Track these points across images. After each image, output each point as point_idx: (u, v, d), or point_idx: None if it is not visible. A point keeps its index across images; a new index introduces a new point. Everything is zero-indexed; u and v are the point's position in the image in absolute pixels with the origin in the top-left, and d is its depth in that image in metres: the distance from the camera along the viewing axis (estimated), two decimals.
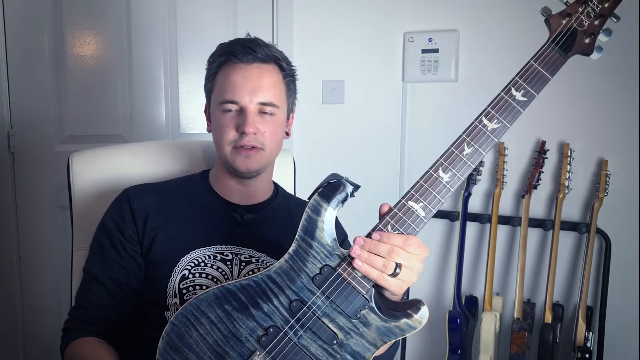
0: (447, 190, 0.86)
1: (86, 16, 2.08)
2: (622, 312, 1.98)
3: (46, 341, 2.13)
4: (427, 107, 2.20)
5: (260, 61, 1.08)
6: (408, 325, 0.87)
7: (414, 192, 0.86)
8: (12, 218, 2.06)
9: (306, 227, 0.88)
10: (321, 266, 0.87)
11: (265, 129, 1.09)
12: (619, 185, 1.96)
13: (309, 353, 0.86)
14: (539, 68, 0.88)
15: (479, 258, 2.18)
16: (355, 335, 0.87)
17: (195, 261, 1.06)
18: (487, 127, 0.87)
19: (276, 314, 0.87)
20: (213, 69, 1.13)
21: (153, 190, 1.15)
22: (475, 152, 0.86)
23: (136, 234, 1.08)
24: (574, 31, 0.88)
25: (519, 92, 0.87)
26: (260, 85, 1.07)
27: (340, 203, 0.88)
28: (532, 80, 0.88)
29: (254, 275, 0.89)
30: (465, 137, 0.87)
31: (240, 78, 1.07)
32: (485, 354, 1.96)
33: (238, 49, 1.08)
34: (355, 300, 0.86)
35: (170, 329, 0.87)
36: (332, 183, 0.89)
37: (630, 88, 1.92)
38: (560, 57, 0.88)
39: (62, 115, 2.08)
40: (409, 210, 0.86)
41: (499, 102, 0.88)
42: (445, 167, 0.86)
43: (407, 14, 2.19)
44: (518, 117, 0.87)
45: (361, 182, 0.92)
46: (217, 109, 1.10)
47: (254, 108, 1.08)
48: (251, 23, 2.19)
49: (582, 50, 0.89)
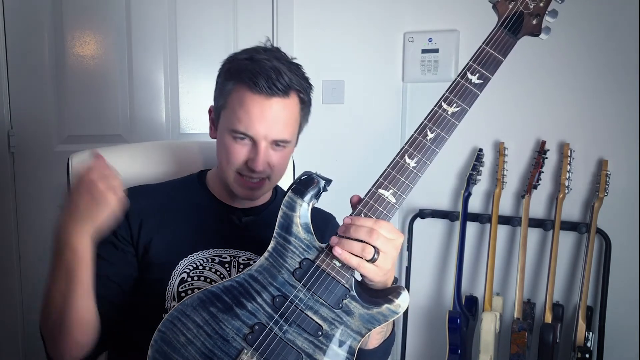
0: (415, 175, 0.89)
1: (86, 16, 2.08)
2: (622, 312, 1.98)
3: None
4: (427, 107, 2.17)
5: (281, 94, 1.01)
6: (390, 310, 0.88)
7: (383, 180, 0.88)
8: (12, 218, 2.06)
9: (282, 223, 0.90)
10: (300, 260, 0.89)
11: (275, 162, 1.06)
12: (619, 185, 1.96)
13: (295, 346, 0.87)
14: (491, 51, 0.91)
15: (479, 258, 2.18)
16: (340, 324, 0.88)
17: (194, 264, 1.05)
18: (447, 111, 0.90)
19: (260, 311, 0.88)
20: (228, 86, 1.05)
21: (150, 192, 1.14)
22: (438, 137, 0.90)
23: (130, 235, 1.07)
24: (521, 14, 0.92)
25: (474, 76, 0.90)
26: (277, 122, 1.03)
27: (313, 197, 0.91)
28: (485, 63, 0.90)
29: (236, 275, 0.91)
30: (427, 122, 0.91)
31: (257, 112, 1.01)
32: (485, 354, 1.96)
33: (261, 80, 1.00)
34: (337, 290, 0.87)
35: (158, 336, 0.88)
36: (304, 179, 0.91)
37: (630, 88, 1.92)
38: (510, 39, 0.91)
39: (62, 115, 2.08)
40: (380, 198, 0.88)
41: (456, 86, 0.90)
42: (410, 153, 0.89)
43: (407, 14, 2.19)
44: (475, 99, 0.90)
45: (361, 182, 0.93)
46: (227, 132, 1.05)
47: (267, 144, 1.04)
48: (251, 23, 2.20)
49: (531, 31, 0.92)
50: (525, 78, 2.04)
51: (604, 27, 1.93)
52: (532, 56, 1.98)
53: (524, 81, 2.04)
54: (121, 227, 1.06)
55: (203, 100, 2.20)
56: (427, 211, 2.22)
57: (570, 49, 1.97)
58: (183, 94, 2.19)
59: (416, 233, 2.26)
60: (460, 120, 0.90)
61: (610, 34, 1.93)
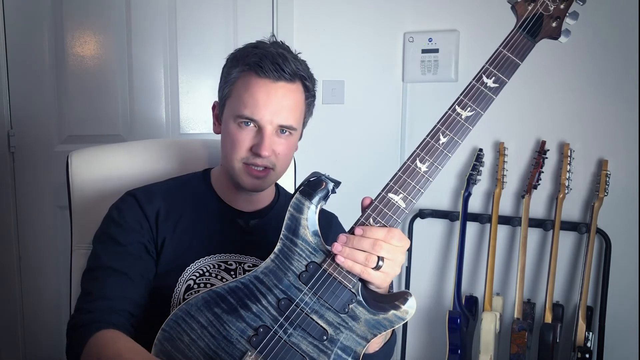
0: (426, 180, 0.87)
1: (86, 16, 2.08)
2: (622, 312, 1.98)
3: (46, 340, 2.13)
4: (427, 107, 2.20)
5: (286, 80, 1.02)
6: (396, 316, 0.87)
7: (393, 184, 0.87)
8: (12, 218, 2.06)
9: (289, 225, 0.89)
10: (307, 263, 0.88)
11: (280, 150, 1.05)
12: (619, 185, 1.96)
13: (299, 350, 0.86)
14: (508, 54, 0.89)
15: (479, 258, 2.18)
16: (345, 329, 0.87)
17: (200, 271, 1.04)
18: (460, 115, 0.88)
19: (265, 314, 0.87)
20: (234, 74, 1.05)
21: (158, 194, 1.11)
22: (451, 141, 0.87)
23: (153, 239, 1.05)
24: (540, 16, 0.89)
25: (490, 79, 0.88)
26: (283, 107, 1.03)
27: (322, 200, 0.89)
28: (502, 67, 0.88)
29: (241, 277, 0.90)
30: (440, 126, 0.88)
31: (263, 96, 1.01)
32: (485, 354, 1.96)
33: (267, 64, 1.01)
34: (343, 295, 0.86)
35: (162, 335, 0.87)
36: (313, 181, 0.89)
37: (630, 88, 1.92)
38: (528, 42, 0.89)
39: (62, 115, 2.08)
40: (389, 202, 0.86)
41: (470, 90, 0.88)
42: (422, 158, 0.87)
43: (407, 14, 2.19)
44: (491, 103, 0.88)
45: (361, 182, 0.92)
46: (233, 119, 1.05)
47: (272, 129, 1.03)
48: (251, 23, 2.20)
49: (550, 34, 0.90)
50: (526, 78, 2.03)
51: (604, 27, 1.93)
52: (532, 56, 1.97)
53: (524, 81, 2.04)
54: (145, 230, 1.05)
55: (203, 100, 2.21)
56: (427, 211, 2.22)
57: (571, 49, 1.97)
58: (183, 94, 2.19)
59: (416, 233, 2.26)
60: (474, 124, 0.87)
61: (610, 34, 1.93)
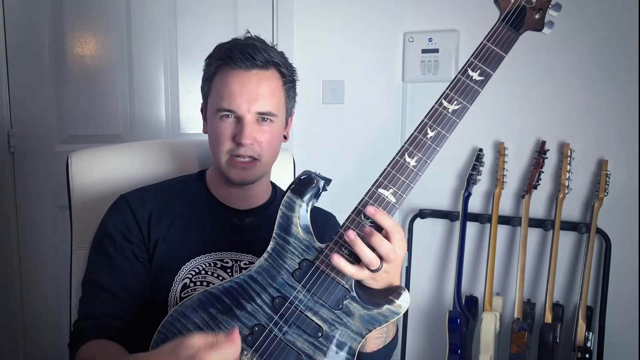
0: (415, 174, 0.87)
1: (86, 16, 2.08)
2: (622, 312, 1.98)
3: (46, 340, 2.13)
4: (427, 107, 2.18)
5: (259, 68, 1.04)
6: (390, 311, 0.87)
7: (383, 179, 0.87)
8: (12, 218, 2.05)
9: (281, 224, 0.89)
10: (300, 261, 0.88)
11: (263, 139, 1.06)
12: (619, 185, 1.96)
13: (295, 348, 0.87)
14: (492, 47, 0.89)
15: (479, 258, 2.18)
16: (340, 326, 0.87)
17: (196, 269, 1.05)
18: (447, 109, 0.88)
19: (260, 313, 0.88)
20: (210, 71, 1.09)
21: (151, 196, 1.12)
22: (439, 135, 0.88)
23: (143, 242, 1.07)
24: (523, 8, 0.89)
25: (475, 72, 0.88)
26: (259, 94, 1.04)
27: (313, 197, 0.90)
28: (487, 60, 0.88)
29: (236, 276, 0.90)
30: (427, 120, 0.89)
31: (238, 86, 1.04)
32: (485, 354, 1.96)
33: (237, 54, 1.03)
34: (336, 291, 0.87)
35: (159, 337, 0.88)
36: (303, 179, 0.90)
37: (631, 88, 1.92)
38: (512, 35, 0.89)
39: (62, 115, 2.07)
40: (380, 198, 0.86)
41: (457, 83, 0.88)
42: (411, 152, 0.87)
43: (407, 14, 2.19)
44: (477, 96, 0.88)
45: (361, 182, 0.92)
46: (214, 115, 1.07)
47: (252, 118, 1.05)
48: (251, 23, 2.19)
49: (533, 26, 0.89)
50: (526, 78, 2.04)
51: (604, 27, 1.93)
52: (532, 56, 1.98)
53: (524, 81, 2.04)
54: (134, 234, 1.06)
55: None
56: (427, 211, 2.22)
57: (571, 49, 1.98)
58: (183, 94, 2.19)
59: (416, 233, 2.26)
60: (461, 118, 0.88)
61: (610, 33, 1.93)
